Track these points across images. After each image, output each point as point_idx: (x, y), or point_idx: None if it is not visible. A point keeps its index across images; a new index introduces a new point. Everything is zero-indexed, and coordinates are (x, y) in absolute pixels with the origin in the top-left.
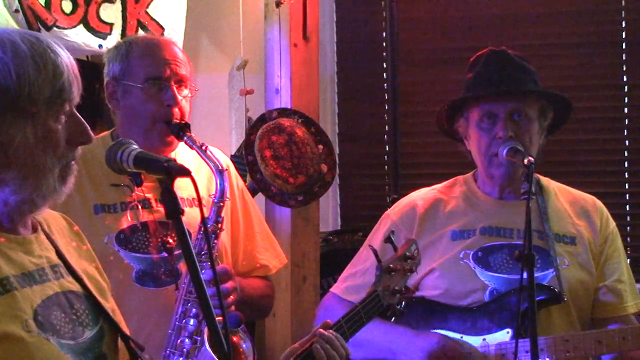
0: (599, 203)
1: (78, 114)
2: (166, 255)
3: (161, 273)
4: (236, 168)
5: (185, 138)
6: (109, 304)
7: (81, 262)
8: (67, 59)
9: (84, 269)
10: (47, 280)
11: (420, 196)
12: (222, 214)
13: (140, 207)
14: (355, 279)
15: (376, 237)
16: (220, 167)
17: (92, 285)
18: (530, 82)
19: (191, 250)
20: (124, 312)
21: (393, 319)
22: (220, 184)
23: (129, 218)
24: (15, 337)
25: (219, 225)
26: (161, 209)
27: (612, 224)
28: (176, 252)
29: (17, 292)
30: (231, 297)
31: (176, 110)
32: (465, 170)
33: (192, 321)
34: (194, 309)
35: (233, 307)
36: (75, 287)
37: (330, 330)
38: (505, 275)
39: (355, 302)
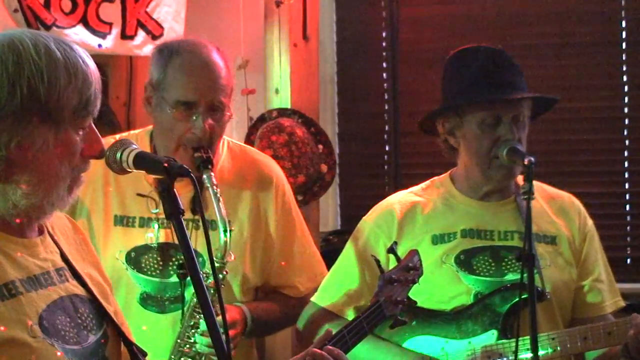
0: (576, 201)
1: (95, 129)
2: (175, 280)
3: (165, 299)
4: None
5: (205, 175)
6: (112, 307)
7: (84, 264)
8: (95, 72)
9: (87, 272)
10: (52, 284)
11: (397, 200)
12: (224, 271)
13: (157, 226)
14: (336, 287)
15: (355, 244)
16: (225, 226)
17: (95, 289)
18: (524, 82)
19: (191, 249)
20: None
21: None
22: (221, 242)
23: (145, 236)
24: (20, 342)
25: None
26: None
27: (590, 221)
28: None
29: (23, 296)
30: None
31: (204, 139)
32: None
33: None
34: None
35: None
36: (79, 290)
37: (328, 347)
38: (489, 278)
39: (337, 311)
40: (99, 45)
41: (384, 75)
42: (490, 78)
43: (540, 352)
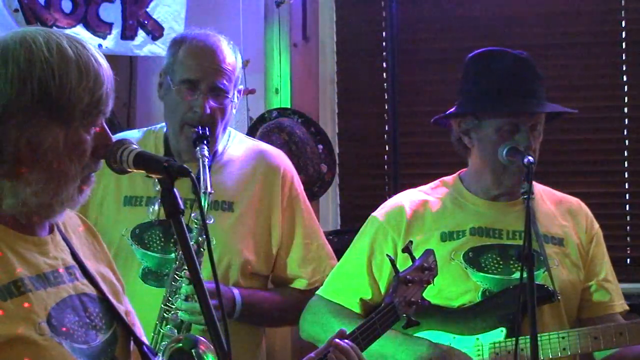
0: (583, 205)
1: (107, 129)
2: (174, 256)
3: (165, 273)
4: None
5: (197, 148)
6: (123, 307)
7: (96, 263)
8: (108, 71)
9: (98, 270)
10: (62, 283)
11: (407, 197)
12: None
13: (158, 204)
14: (342, 281)
15: (364, 239)
16: (205, 190)
17: (107, 288)
18: (544, 91)
19: (191, 249)
20: None
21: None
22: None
23: (149, 214)
24: (28, 340)
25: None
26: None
27: (597, 225)
28: None
29: (31, 294)
30: None
31: (204, 117)
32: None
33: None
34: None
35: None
36: (89, 289)
37: (347, 341)
38: (497, 276)
39: (342, 304)
40: (99, 46)
41: (384, 75)
42: (514, 86)
43: (550, 352)
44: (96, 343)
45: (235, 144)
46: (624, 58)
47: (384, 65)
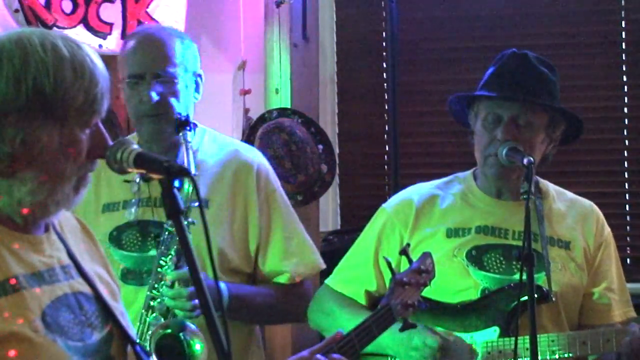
0: (596, 208)
1: (102, 128)
2: (153, 254)
3: (144, 272)
4: None
5: (181, 134)
6: (119, 307)
7: (92, 263)
8: (103, 71)
9: (94, 270)
10: (57, 281)
11: (417, 191)
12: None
13: (137, 205)
14: (348, 271)
15: (372, 230)
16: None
17: (103, 287)
18: (542, 91)
19: (191, 250)
20: None
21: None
22: (186, 188)
23: (126, 215)
24: (21, 337)
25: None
26: (160, 209)
27: (607, 229)
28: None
29: (26, 291)
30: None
31: (154, 105)
32: (465, 170)
33: (158, 316)
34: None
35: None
36: (85, 288)
37: (337, 355)
38: (498, 276)
39: (346, 294)
40: (100, 46)
41: (384, 75)
42: (501, 78)
43: (539, 354)
44: (91, 341)
45: (209, 143)
46: (624, 58)
47: (384, 65)
